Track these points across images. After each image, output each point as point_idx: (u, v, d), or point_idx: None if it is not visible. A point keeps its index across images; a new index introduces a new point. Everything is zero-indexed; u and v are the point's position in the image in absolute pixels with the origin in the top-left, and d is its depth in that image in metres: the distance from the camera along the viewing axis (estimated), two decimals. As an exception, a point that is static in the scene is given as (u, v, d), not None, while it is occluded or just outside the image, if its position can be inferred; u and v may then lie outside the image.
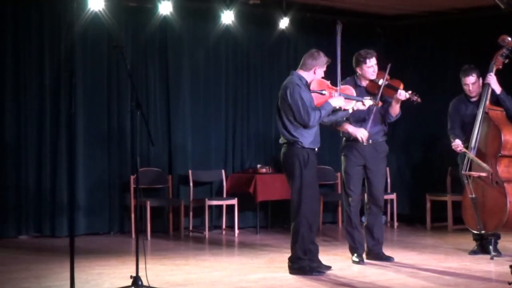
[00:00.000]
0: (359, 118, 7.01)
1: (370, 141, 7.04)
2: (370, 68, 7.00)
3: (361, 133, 6.92)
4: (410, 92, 6.95)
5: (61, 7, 9.12)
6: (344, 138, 7.15)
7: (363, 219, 7.33)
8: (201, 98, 10.04)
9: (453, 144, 7.35)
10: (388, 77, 6.99)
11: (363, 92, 6.95)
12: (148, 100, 9.70)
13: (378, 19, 10.89)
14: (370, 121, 6.94)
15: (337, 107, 6.52)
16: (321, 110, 6.38)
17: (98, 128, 9.41)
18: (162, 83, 9.82)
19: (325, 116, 6.46)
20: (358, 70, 7.05)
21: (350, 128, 6.97)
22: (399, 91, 6.93)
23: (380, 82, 6.94)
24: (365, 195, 7.22)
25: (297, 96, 6.33)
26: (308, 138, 6.40)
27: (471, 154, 7.16)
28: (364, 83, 7.06)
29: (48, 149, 9.12)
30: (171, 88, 9.83)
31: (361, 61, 7.00)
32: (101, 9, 8.90)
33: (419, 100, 6.99)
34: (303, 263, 6.44)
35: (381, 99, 6.92)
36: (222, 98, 10.19)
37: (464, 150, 7.29)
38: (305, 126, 6.35)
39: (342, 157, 7.13)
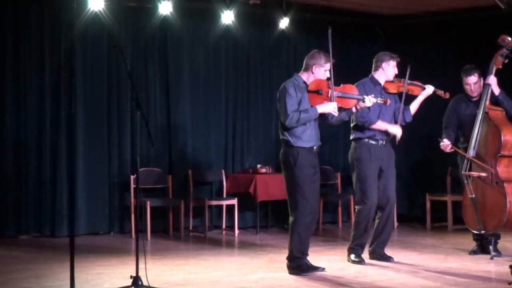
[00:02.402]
0: (376, 118, 7.01)
1: (384, 141, 7.04)
2: (394, 68, 7.08)
3: (399, 131, 6.97)
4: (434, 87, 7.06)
5: (61, 7, 9.12)
6: (353, 142, 7.11)
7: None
8: (201, 98, 10.04)
9: (441, 144, 7.35)
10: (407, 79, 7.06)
11: (379, 91, 6.95)
12: (148, 100, 9.70)
13: (378, 19, 10.89)
14: (391, 119, 7.00)
15: (326, 113, 6.48)
16: (300, 113, 6.35)
17: (98, 128, 9.41)
18: (162, 83, 9.82)
19: (307, 120, 6.39)
20: (384, 66, 7.03)
21: (390, 127, 6.97)
22: (428, 85, 7.06)
23: (402, 81, 6.99)
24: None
25: (282, 97, 6.40)
26: (298, 137, 6.41)
27: (462, 152, 7.16)
28: (382, 82, 7.07)
29: (48, 149, 9.11)
30: (171, 88, 9.83)
31: (389, 59, 7.04)
32: (101, 9, 8.90)
33: (447, 95, 7.11)
34: (300, 261, 6.45)
35: (386, 97, 6.92)
36: (222, 98, 10.19)
37: (455, 148, 7.29)
38: (285, 126, 6.38)
39: (356, 162, 7.02)
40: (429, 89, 7.09)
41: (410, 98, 7.22)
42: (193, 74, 9.99)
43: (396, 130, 7.00)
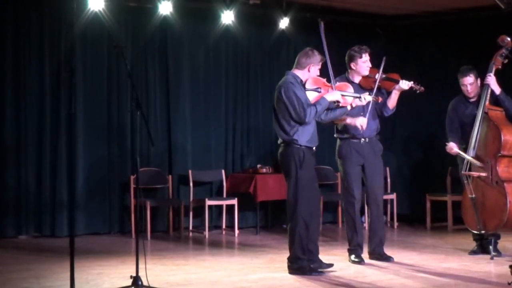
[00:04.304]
0: (357, 115, 7.00)
1: (367, 139, 7.04)
2: (365, 63, 7.02)
3: (360, 121, 6.87)
4: (412, 81, 6.99)
5: (61, 7, 9.12)
6: (338, 139, 7.13)
7: (363, 219, 7.33)
8: (201, 98, 10.05)
9: (447, 147, 7.36)
10: (382, 72, 7.01)
11: (357, 88, 6.94)
12: (148, 100, 9.70)
13: (378, 19, 10.89)
14: (368, 113, 6.94)
15: (334, 102, 6.51)
16: (316, 106, 6.36)
17: (98, 128, 9.41)
18: (162, 83, 9.82)
19: (322, 112, 6.44)
20: (353, 66, 7.03)
21: (348, 119, 6.92)
22: (401, 81, 6.98)
23: (377, 76, 6.96)
24: (365, 195, 7.22)
25: (291, 94, 6.34)
26: (305, 136, 6.40)
27: (467, 156, 7.16)
28: (357, 79, 7.06)
29: (48, 149, 9.11)
30: (171, 88, 9.83)
31: (356, 56, 7.00)
32: (101, 9, 8.90)
33: (422, 89, 7.03)
34: (303, 263, 6.43)
35: (378, 93, 6.93)
36: (222, 98, 10.19)
37: (458, 152, 7.29)
38: (301, 122, 6.34)
39: (339, 159, 7.09)
40: (403, 84, 6.98)
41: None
42: (193, 74, 9.99)
43: (357, 121, 6.86)
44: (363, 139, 7.03)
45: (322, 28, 6.49)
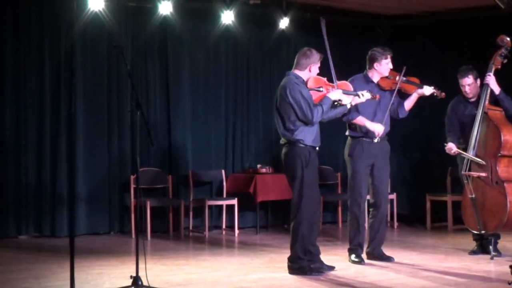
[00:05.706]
0: (371, 114, 7.01)
1: (380, 139, 7.04)
2: (388, 64, 7.06)
3: (379, 128, 6.93)
4: (433, 87, 7.04)
5: (61, 7, 9.13)
6: (349, 138, 7.13)
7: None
8: (201, 98, 10.05)
9: (446, 147, 7.37)
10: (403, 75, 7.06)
11: (374, 88, 6.97)
12: (148, 100, 9.70)
13: (378, 19, 10.90)
14: (386, 116, 6.99)
15: (336, 101, 6.51)
16: (322, 106, 6.37)
17: (98, 127, 9.41)
18: (162, 83, 9.82)
19: (327, 111, 6.44)
20: (376, 66, 7.03)
21: (368, 123, 6.96)
22: (425, 86, 7.06)
23: (397, 78, 6.99)
24: (370, 195, 7.21)
25: (297, 94, 6.33)
26: (310, 136, 6.40)
27: (467, 154, 7.17)
28: (376, 79, 7.08)
29: (48, 149, 9.12)
30: (171, 88, 9.83)
31: (380, 57, 7.02)
32: (101, 9, 8.91)
33: (443, 94, 7.13)
34: (303, 263, 6.43)
35: (393, 95, 6.98)
36: (222, 98, 10.19)
37: (459, 151, 7.29)
38: (308, 122, 6.34)
39: (349, 158, 7.06)
40: (426, 90, 7.08)
41: (405, 94, 7.24)
42: (193, 74, 9.99)
43: (375, 127, 6.96)
44: (375, 139, 7.02)
45: (324, 26, 6.49)
